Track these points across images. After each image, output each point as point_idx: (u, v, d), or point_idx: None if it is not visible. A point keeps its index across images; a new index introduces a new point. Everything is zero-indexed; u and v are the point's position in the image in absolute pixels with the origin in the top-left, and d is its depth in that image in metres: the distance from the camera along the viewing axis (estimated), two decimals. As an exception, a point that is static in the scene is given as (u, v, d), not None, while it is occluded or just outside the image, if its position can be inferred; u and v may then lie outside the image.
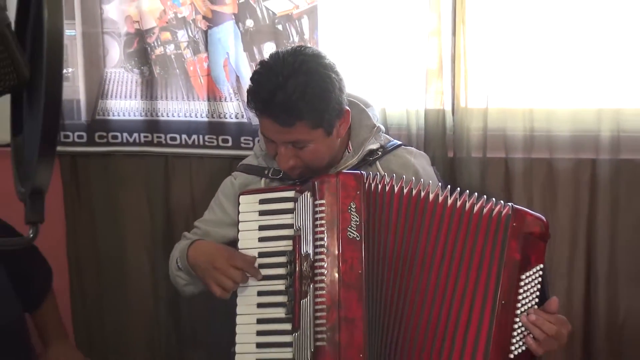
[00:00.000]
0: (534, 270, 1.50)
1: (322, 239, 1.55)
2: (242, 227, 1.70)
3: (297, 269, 1.59)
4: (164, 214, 2.42)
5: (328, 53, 1.72)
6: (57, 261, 2.27)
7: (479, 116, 2.13)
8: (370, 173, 1.63)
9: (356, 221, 1.55)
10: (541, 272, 1.50)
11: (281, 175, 1.78)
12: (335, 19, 2.23)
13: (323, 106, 1.63)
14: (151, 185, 2.42)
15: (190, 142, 2.34)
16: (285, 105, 1.59)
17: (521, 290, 1.49)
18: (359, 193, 1.57)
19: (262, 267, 1.65)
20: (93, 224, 2.48)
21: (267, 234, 1.68)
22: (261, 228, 1.69)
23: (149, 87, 2.33)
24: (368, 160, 1.79)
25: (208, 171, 2.35)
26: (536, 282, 1.50)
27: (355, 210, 1.56)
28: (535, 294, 1.50)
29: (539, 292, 1.50)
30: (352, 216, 1.55)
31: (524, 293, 1.49)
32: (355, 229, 1.55)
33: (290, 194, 1.67)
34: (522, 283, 1.49)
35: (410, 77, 2.17)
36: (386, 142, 1.84)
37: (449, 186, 1.58)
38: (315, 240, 1.56)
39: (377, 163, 1.80)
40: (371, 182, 1.59)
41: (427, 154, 1.96)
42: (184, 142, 2.34)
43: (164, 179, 2.40)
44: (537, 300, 1.50)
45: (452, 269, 1.52)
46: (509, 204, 1.53)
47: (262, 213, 1.70)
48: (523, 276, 1.49)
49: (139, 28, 2.28)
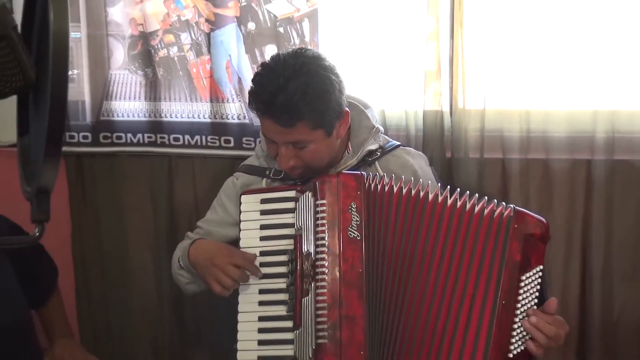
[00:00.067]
0: (534, 272, 1.50)
1: (323, 238, 1.56)
2: (243, 227, 1.72)
3: (298, 267, 1.60)
4: (168, 213, 2.42)
5: (328, 55, 1.72)
6: (63, 260, 2.27)
7: (477, 117, 2.13)
8: (370, 173, 1.63)
9: (357, 221, 1.56)
10: (541, 274, 1.51)
11: (282, 175, 1.79)
12: (336, 21, 2.22)
13: (323, 107, 1.63)
14: (155, 184, 2.42)
15: (193, 142, 2.34)
16: (286, 106, 1.60)
17: (521, 291, 1.49)
18: (359, 193, 1.58)
19: (263, 265, 1.66)
20: (98, 223, 2.47)
21: (269, 233, 1.69)
22: (262, 227, 1.70)
23: (152, 89, 2.33)
24: (367, 161, 1.79)
25: (211, 171, 2.35)
26: (536, 283, 1.50)
27: (355, 210, 1.57)
28: (535, 295, 1.50)
29: (538, 292, 1.50)
30: (353, 216, 1.56)
31: (524, 294, 1.49)
32: (355, 229, 1.56)
33: (292, 193, 1.68)
34: (522, 284, 1.49)
35: (409, 79, 2.17)
36: (385, 143, 1.84)
37: (449, 187, 1.58)
38: (317, 239, 1.57)
39: (376, 163, 1.80)
40: (371, 183, 1.60)
41: (425, 154, 1.96)
42: (187, 143, 2.34)
43: (167, 178, 2.40)
44: (536, 300, 1.51)
45: (452, 268, 1.53)
46: (511, 206, 1.53)
47: (263, 212, 1.71)
48: (523, 277, 1.49)
49: (142, 30, 2.29)
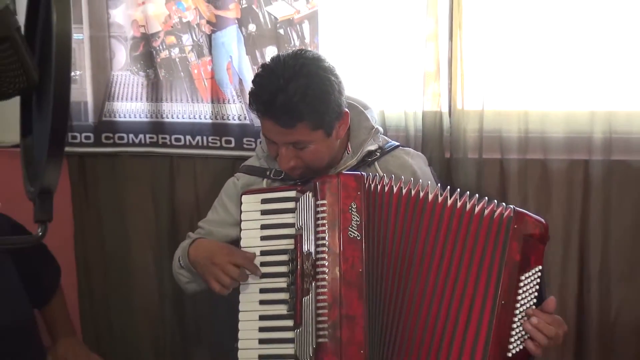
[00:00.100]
0: (533, 272, 1.51)
1: (323, 238, 1.56)
2: (244, 226, 1.72)
3: (298, 267, 1.61)
4: (169, 212, 2.43)
5: (328, 56, 1.72)
6: (66, 259, 2.26)
7: (475, 118, 2.14)
8: (370, 174, 1.64)
9: (357, 221, 1.56)
10: (540, 274, 1.51)
11: (282, 176, 1.79)
12: (335, 23, 2.23)
13: (323, 108, 1.64)
14: (156, 185, 2.42)
15: (194, 143, 2.34)
16: (286, 107, 1.60)
17: (520, 291, 1.50)
18: (359, 193, 1.58)
19: (264, 265, 1.66)
20: (100, 223, 2.48)
21: (269, 232, 1.69)
22: (263, 227, 1.70)
23: (154, 90, 2.34)
24: (367, 161, 1.79)
25: (212, 171, 2.36)
26: (535, 283, 1.51)
27: (355, 210, 1.57)
28: (534, 295, 1.51)
29: (537, 292, 1.51)
30: (353, 216, 1.57)
31: (523, 294, 1.50)
32: (355, 229, 1.56)
33: (292, 193, 1.69)
34: (522, 284, 1.50)
35: (408, 80, 2.18)
36: (384, 143, 1.84)
37: (448, 187, 1.59)
38: (317, 239, 1.57)
39: (376, 164, 1.80)
40: (371, 183, 1.60)
41: (424, 154, 1.96)
42: (188, 143, 2.35)
43: (168, 179, 2.40)
44: (535, 300, 1.51)
45: (452, 268, 1.53)
46: (511, 206, 1.54)
47: (264, 212, 1.71)
48: (523, 277, 1.50)
49: (144, 32, 2.29)
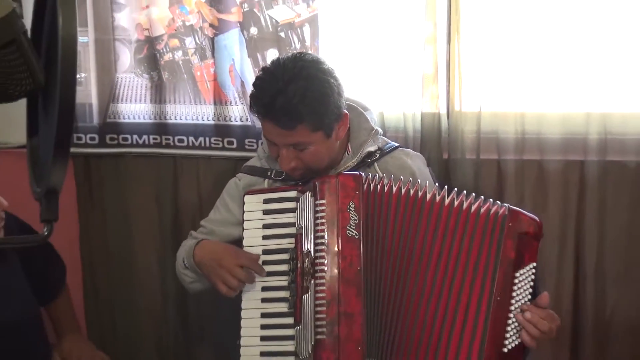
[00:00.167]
0: (527, 268, 1.53)
1: (322, 237, 1.58)
2: (246, 226, 1.74)
3: (298, 265, 1.62)
4: (172, 212, 2.44)
5: (328, 59, 1.74)
6: (71, 259, 2.29)
7: (473, 119, 2.15)
8: (369, 174, 1.65)
9: (355, 220, 1.58)
10: (534, 270, 1.53)
11: (283, 176, 1.81)
12: (336, 26, 2.24)
13: (322, 110, 1.65)
14: (160, 185, 2.43)
15: (197, 144, 2.36)
16: (286, 108, 1.62)
17: (515, 288, 1.52)
18: (358, 193, 1.60)
19: (265, 264, 1.68)
20: (104, 223, 2.49)
21: (271, 232, 1.71)
22: (265, 226, 1.72)
23: (158, 92, 2.35)
24: (366, 162, 1.81)
25: (214, 172, 2.37)
26: (529, 279, 1.53)
27: (354, 209, 1.59)
28: (528, 291, 1.53)
29: (531, 289, 1.53)
30: (351, 215, 1.58)
31: (518, 290, 1.52)
32: (354, 228, 1.58)
33: (293, 193, 1.71)
34: (517, 280, 1.52)
35: (407, 82, 2.19)
36: (384, 144, 1.86)
37: (446, 187, 1.61)
38: (316, 238, 1.59)
39: (375, 164, 1.81)
40: (370, 183, 1.62)
41: (423, 155, 1.97)
42: (191, 144, 2.36)
43: (172, 179, 2.42)
44: (530, 297, 1.53)
45: (449, 266, 1.55)
46: (505, 205, 1.55)
47: (265, 212, 1.73)
48: (517, 274, 1.52)
49: (148, 35, 2.30)
